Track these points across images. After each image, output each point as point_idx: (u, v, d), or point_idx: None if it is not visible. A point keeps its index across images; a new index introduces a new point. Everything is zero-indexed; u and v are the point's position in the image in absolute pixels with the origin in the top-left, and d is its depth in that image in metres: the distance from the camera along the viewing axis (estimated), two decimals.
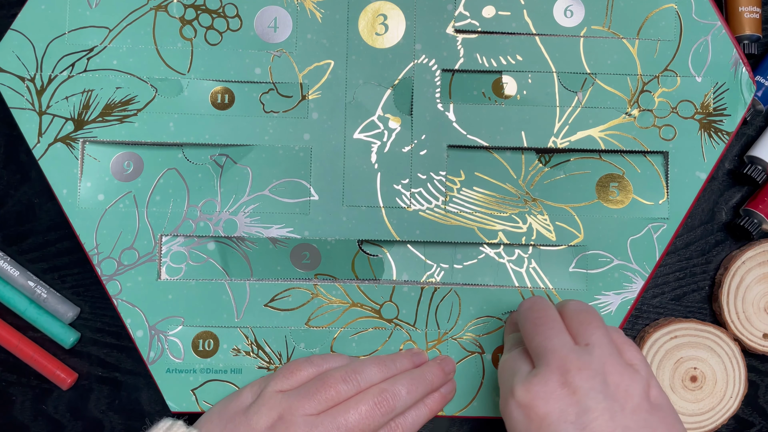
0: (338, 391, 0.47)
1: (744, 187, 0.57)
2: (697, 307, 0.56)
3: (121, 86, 0.51)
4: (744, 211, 0.55)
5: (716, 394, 0.54)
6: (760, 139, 0.55)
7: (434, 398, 0.50)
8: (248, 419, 0.46)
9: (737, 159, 0.57)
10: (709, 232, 0.57)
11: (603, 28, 0.52)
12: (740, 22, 0.55)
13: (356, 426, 0.46)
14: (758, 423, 0.56)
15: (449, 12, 0.51)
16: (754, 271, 0.55)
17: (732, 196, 0.57)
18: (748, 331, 0.55)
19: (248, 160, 0.52)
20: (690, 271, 0.57)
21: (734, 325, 0.54)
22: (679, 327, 0.54)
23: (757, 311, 0.55)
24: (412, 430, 0.49)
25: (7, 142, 0.56)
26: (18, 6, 0.57)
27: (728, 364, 0.54)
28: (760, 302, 0.55)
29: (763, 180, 0.55)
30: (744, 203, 0.56)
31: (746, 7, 0.55)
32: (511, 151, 0.53)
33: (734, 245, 0.56)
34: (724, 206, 0.57)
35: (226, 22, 0.51)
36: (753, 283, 0.55)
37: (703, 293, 0.57)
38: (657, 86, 0.52)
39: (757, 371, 0.56)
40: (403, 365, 0.50)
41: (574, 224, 0.52)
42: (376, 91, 0.52)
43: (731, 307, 0.55)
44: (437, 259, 0.53)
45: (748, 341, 0.54)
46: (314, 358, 0.49)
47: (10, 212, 0.56)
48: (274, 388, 0.47)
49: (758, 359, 0.56)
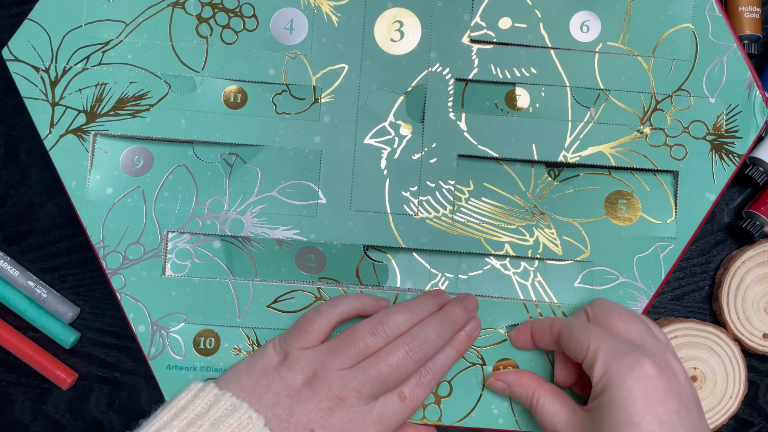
0: (367, 344, 0.47)
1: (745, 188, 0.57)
2: (697, 307, 0.56)
3: (135, 81, 0.51)
4: (746, 213, 0.55)
5: (716, 394, 0.54)
6: (762, 141, 0.55)
7: (460, 339, 0.50)
8: (282, 377, 0.46)
9: None
10: (709, 232, 0.57)
11: (619, 45, 0.52)
12: (740, 22, 0.55)
13: (389, 376, 0.46)
14: (758, 423, 0.56)
15: (465, 22, 0.51)
16: (754, 271, 0.55)
17: (733, 196, 0.57)
18: (748, 331, 0.54)
19: (258, 161, 0.52)
20: (690, 271, 0.56)
21: (734, 325, 0.54)
22: (679, 327, 0.54)
23: (757, 311, 0.55)
24: (442, 373, 0.49)
25: (7, 141, 0.56)
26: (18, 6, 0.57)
27: (728, 364, 0.54)
28: (760, 302, 0.55)
29: (764, 181, 0.55)
30: (745, 204, 0.56)
31: (746, 7, 0.55)
32: (521, 164, 0.53)
33: (734, 245, 0.56)
34: (725, 207, 0.57)
35: (242, 21, 0.51)
36: (753, 283, 0.55)
37: (703, 293, 0.56)
38: (670, 105, 0.52)
39: (757, 371, 0.56)
40: (429, 308, 0.50)
41: (581, 239, 0.52)
42: (389, 98, 0.52)
43: (731, 307, 0.54)
44: (442, 268, 0.53)
45: (748, 341, 0.54)
46: (321, 307, 0.49)
47: (10, 212, 0.56)
48: (298, 347, 0.47)
49: (758, 359, 0.56)
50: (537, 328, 0.50)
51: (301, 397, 0.45)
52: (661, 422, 0.42)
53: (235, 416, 0.44)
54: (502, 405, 0.52)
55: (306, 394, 0.46)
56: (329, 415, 0.45)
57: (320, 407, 0.45)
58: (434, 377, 0.49)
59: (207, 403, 0.45)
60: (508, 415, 0.52)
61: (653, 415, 0.42)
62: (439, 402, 0.52)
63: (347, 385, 0.46)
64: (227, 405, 0.44)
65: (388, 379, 0.46)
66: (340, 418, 0.46)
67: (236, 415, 0.44)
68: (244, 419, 0.44)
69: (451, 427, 0.52)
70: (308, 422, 0.45)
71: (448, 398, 0.52)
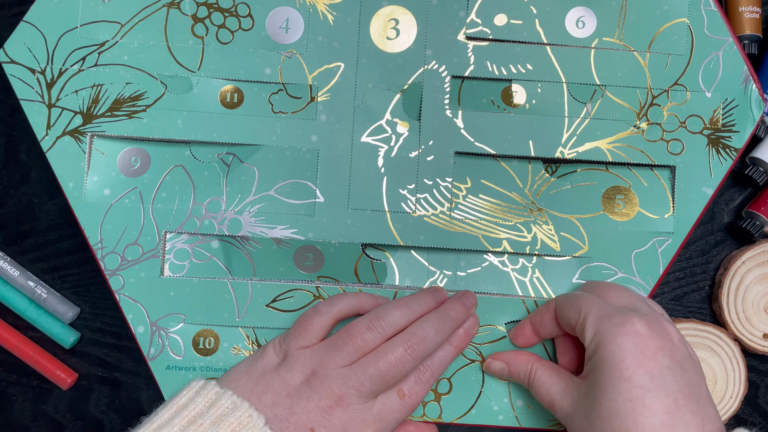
0: (365, 340, 0.47)
1: (745, 188, 0.57)
2: (697, 307, 0.56)
3: (131, 82, 0.51)
4: (746, 213, 0.55)
5: (716, 394, 0.54)
6: (762, 141, 0.55)
7: (459, 336, 0.51)
8: (281, 376, 0.46)
9: (739, 160, 0.56)
10: (709, 232, 0.57)
11: (614, 40, 0.52)
12: (740, 22, 0.55)
13: (388, 373, 0.46)
14: (758, 423, 0.56)
15: (461, 19, 0.51)
16: (754, 272, 0.55)
17: (732, 196, 0.57)
18: (748, 331, 0.54)
19: (255, 160, 0.52)
20: (690, 271, 0.56)
21: (734, 325, 0.54)
22: (679, 327, 0.54)
23: (757, 311, 0.55)
24: (441, 370, 0.50)
25: (7, 141, 0.56)
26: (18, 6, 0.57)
27: (728, 364, 0.54)
28: (760, 302, 0.55)
29: (764, 181, 0.55)
30: (745, 205, 0.56)
31: (746, 7, 0.55)
32: (518, 160, 0.53)
33: (734, 245, 0.56)
34: (725, 207, 0.57)
35: (238, 21, 0.51)
36: (753, 283, 0.55)
37: (703, 293, 0.56)
38: (666, 100, 0.52)
39: (757, 371, 0.56)
40: (427, 304, 0.50)
41: (579, 235, 0.52)
42: (385, 95, 0.52)
43: (731, 307, 0.54)
44: (441, 265, 0.53)
45: (748, 341, 0.54)
46: (319, 306, 0.49)
47: (10, 212, 0.56)
48: (297, 346, 0.47)
49: (758, 359, 0.56)
50: (535, 317, 0.51)
51: (300, 396, 0.46)
52: (652, 377, 0.42)
53: (236, 415, 0.44)
54: (502, 402, 0.52)
55: (305, 393, 0.46)
56: (329, 414, 0.45)
57: (320, 406, 0.45)
58: (433, 374, 0.49)
59: (208, 401, 0.45)
60: (508, 411, 0.52)
61: (644, 369, 0.42)
62: (438, 399, 0.52)
63: (346, 383, 0.46)
64: (228, 404, 0.44)
65: (387, 377, 0.46)
66: (340, 417, 0.46)
67: (236, 414, 0.44)
68: (245, 418, 0.44)
69: (451, 424, 0.52)
70: (308, 421, 0.45)
71: (447, 395, 0.52)
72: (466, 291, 0.52)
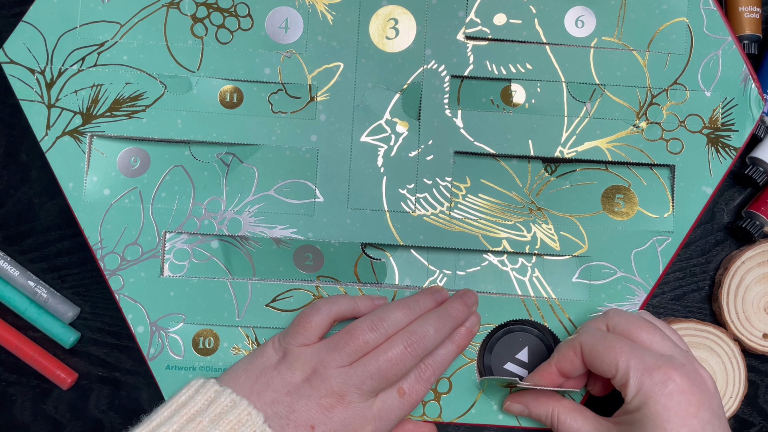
0: (366, 340, 0.47)
1: (745, 188, 0.57)
2: (697, 307, 0.56)
3: (131, 82, 0.51)
4: (746, 213, 0.55)
5: None
6: (762, 141, 0.55)
7: (460, 334, 0.51)
8: (281, 374, 0.46)
9: (739, 160, 0.56)
10: (709, 232, 0.57)
11: (614, 40, 0.52)
12: (740, 22, 0.55)
13: (388, 371, 0.46)
14: (758, 423, 0.56)
15: (460, 18, 0.51)
16: (754, 271, 0.55)
17: (732, 196, 0.57)
18: (748, 331, 0.54)
19: (255, 160, 0.52)
20: (690, 271, 0.56)
21: (734, 325, 0.54)
22: (679, 327, 0.54)
23: (757, 311, 0.55)
24: (442, 368, 0.50)
25: (7, 141, 0.56)
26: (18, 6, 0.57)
27: (728, 364, 0.54)
28: (760, 302, 0.55)
29: (764, 181, 0.55)
30: (745, 204, 0.56)
31: (746, 7, 0.55)
32: (518, 160, 0.53)
33: (734, 245, 0.56)
34: (725, 207, 0.57)
35: (237, 21, 0.51)
36: (753, 283, 0.55)
37: (703, 293, 0.56)
38: (666, 99, 0.52)
39: (757, 371, 0.56)
40: (427, 304, 0.50)
41: (579, 235, 0.52)
42: (385, 95, 0.52)
43: (731, 307, 0.54)
44: (440, 265, 0.53)
45: (748, 341, 0.54)
46: (318, 303, 0.49)
47: (10, 212, 0.56)
48: (296, 344, 0.47)
49: (758, 359, 0.56)
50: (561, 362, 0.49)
51: (300, 394, 0.46)
52: None
53: (235, 413, 0.44)
54: (502, 401, 0.52)
55: (306, 391, 0.46)
56: (330, 412, 0.45)
57: (320, 404, 0.45)
58: (434, 372, 0.49)
59: (207, 399, 0.45)
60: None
61: (688, 428, 0.43)
62: (438, 399, 0.52)
63: (347, 381, 0.46)
64: (227, 401, 0.44)
65: (387, 374, 0.46)
66: (341, 415, 0.46)
67: (236, 412, 0.44)
68: (244, 416, 0.44)
69: (450, 423, 0.52)
70: (308, 419, 0.45)
71: (447, 395, 0.52)
72: (467, 289, 0.52)
